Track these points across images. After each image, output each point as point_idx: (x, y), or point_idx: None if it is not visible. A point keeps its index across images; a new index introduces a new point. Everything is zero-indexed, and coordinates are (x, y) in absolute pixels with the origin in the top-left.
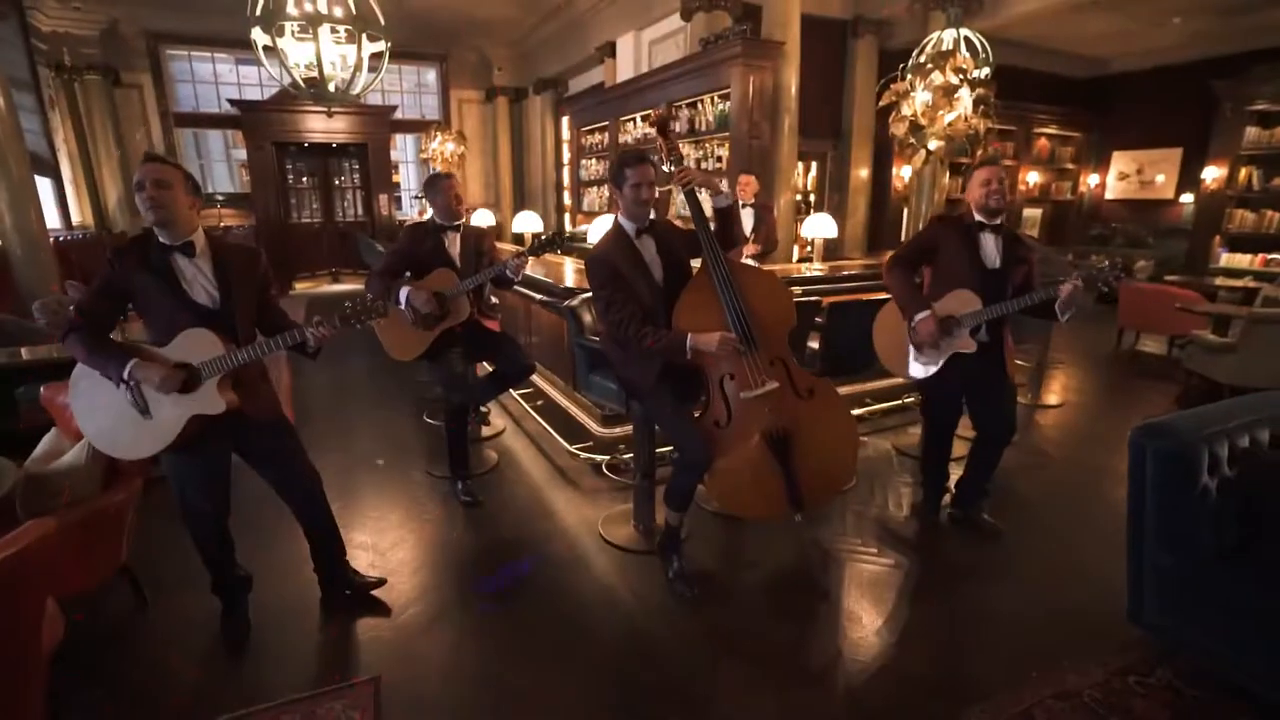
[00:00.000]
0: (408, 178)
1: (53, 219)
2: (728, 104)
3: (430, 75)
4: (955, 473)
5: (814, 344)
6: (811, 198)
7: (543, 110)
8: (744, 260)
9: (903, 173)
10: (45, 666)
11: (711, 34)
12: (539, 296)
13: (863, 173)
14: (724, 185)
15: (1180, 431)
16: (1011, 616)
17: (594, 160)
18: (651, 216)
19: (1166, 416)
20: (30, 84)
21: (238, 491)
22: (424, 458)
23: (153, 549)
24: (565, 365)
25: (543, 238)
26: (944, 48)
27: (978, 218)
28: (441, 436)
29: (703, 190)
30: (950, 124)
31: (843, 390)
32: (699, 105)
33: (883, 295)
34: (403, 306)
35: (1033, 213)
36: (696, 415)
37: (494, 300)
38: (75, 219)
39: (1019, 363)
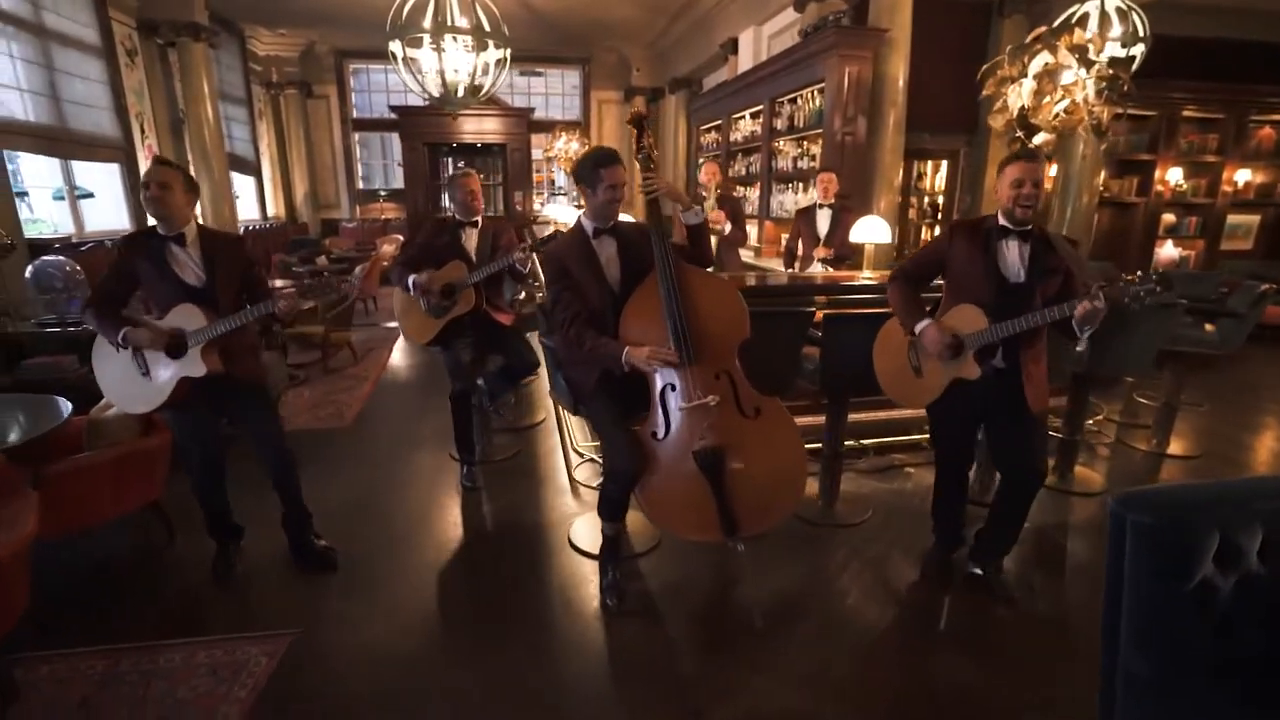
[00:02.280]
0: (560, 176)
1: (253, 211)
2: (824, 99)
3: (573, 78)
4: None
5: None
6: (940, 200)
7: (676, 110)
8: (815, 264)
9: (1052, 171)
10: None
11: (810, 24)
12: None
13: None
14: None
15: (1174, 505)
16: (982, 702)
17: (703, 160)
18: (621, 217)
19: (1164, 484)
20: (244, 100)
21: (250, 464)
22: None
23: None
24: None
25: (550, 233)
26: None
27: (1001, 222)
28: (485, 421)
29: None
30: (1060, 113)
31: (872, 415)
32: (798, 100)
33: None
34: (411, 292)
35: (1245, 219)
36: (639, 424)
37: (520, 295)
38: (270, 211)
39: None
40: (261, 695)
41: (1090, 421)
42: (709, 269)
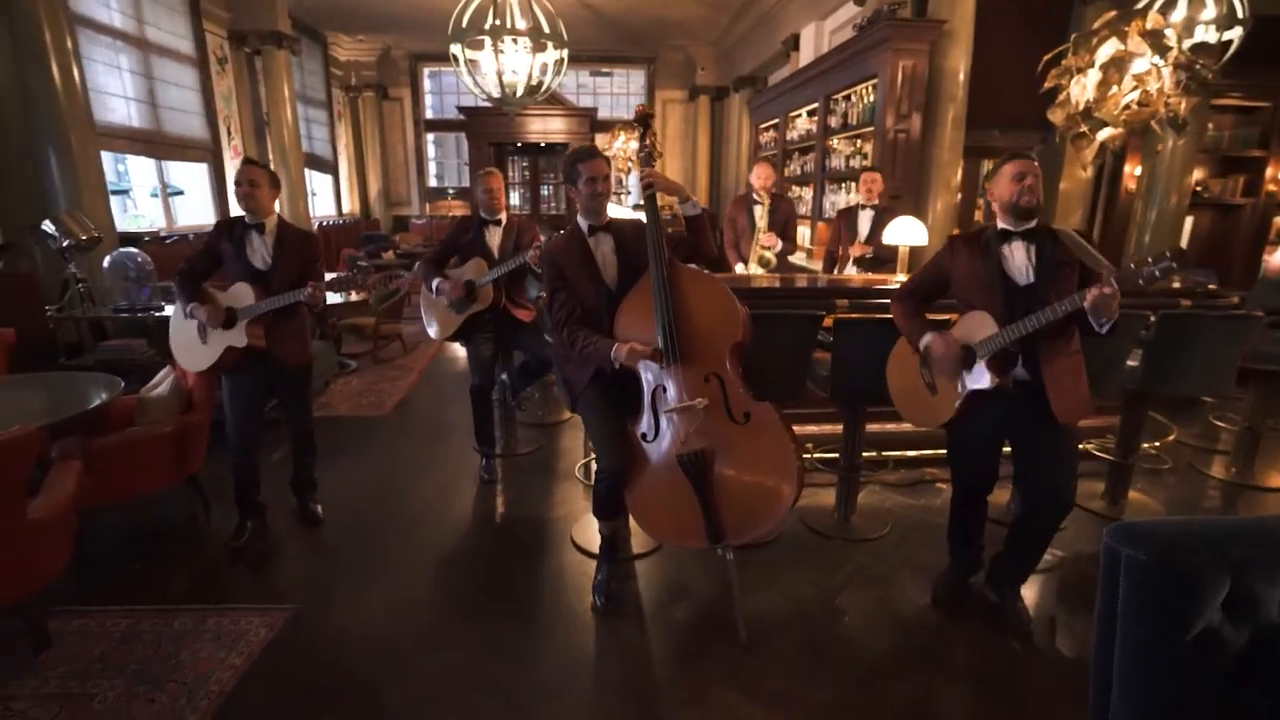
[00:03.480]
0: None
1: (330, 208)
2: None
3: (639, 78)
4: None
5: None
6: None
7: (740, 108)
8: (850, 263)
9: (1137, 171)
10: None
11: (866, 18)
12: None
13: (1084, 171)
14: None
15: (1178, 540)
16: None
17: (758, 161)
18: (611, 215)
19: (1174, 517)
20: (325, 102)
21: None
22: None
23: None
24: None
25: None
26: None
27: (1001, 225)
28: (510, 415)
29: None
30: (1129, 105)
31: (901, 426)
32: (852, 97)
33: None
34: (434, 294)
35: None
36: (630, 426)
37: (543, 293)
38: (345, 208)
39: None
40: (255, 664)
41: (1156, 444)
42: (710, 263)
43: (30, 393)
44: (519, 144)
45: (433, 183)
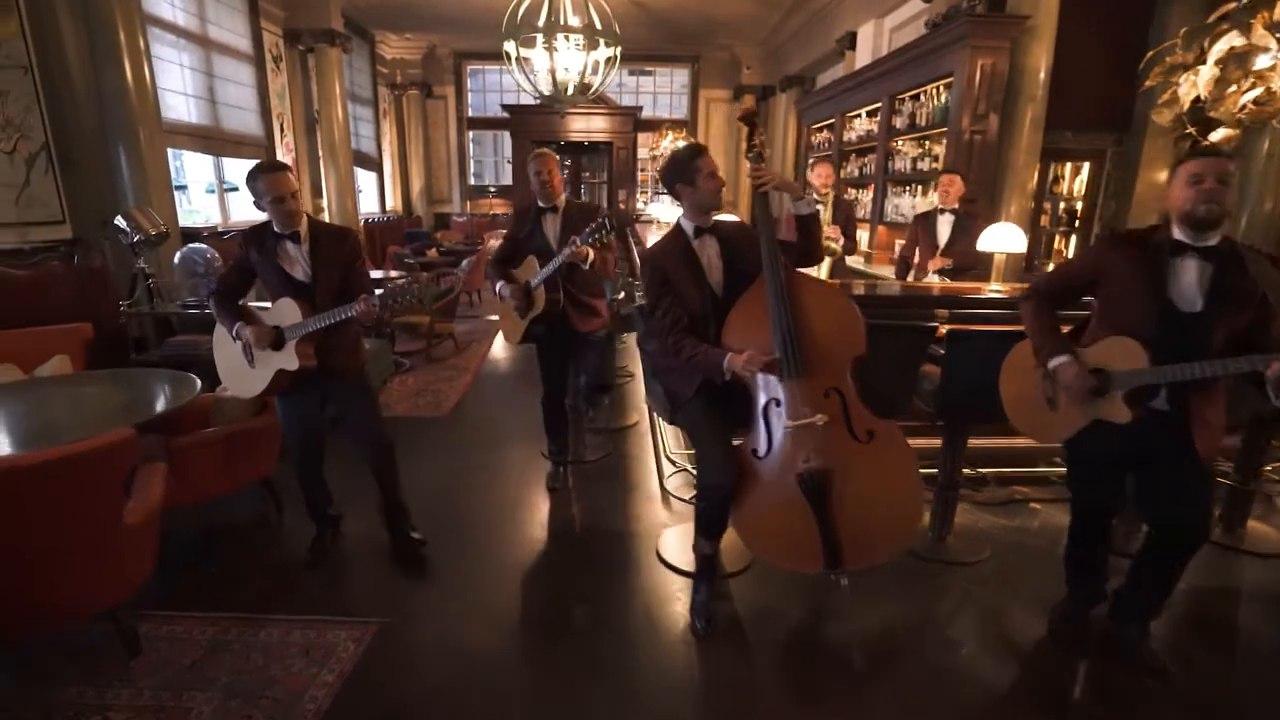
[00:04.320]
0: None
1: (373, 205)
2: (950, 95)
3: (682, 77)
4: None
5: (934, 378)
6: (1078, 206)
7: (786, 108)
8: (931, 274)
9: None
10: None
11: (939, 14)
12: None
13: (1160, 176)
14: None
15: None
16: None
17: (813, 160)
18: (717, 218)
19: None
20: (371, 100)
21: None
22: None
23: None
24: None
25: (598, 223)
26: None
27: (1176, 235)
28: (577, 421)
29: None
30: (1246, 104)
31: (990, 441)
32: (921, 97)
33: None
34: (499, 298)
35: None
36: (740, 440)
37: (620, 295)
38: (389, 205)
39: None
40: (347, 681)
41: (1270, 467)
42: (818, 265)
43: (109, 389)
44: (562, 142)
45: (473, 181)
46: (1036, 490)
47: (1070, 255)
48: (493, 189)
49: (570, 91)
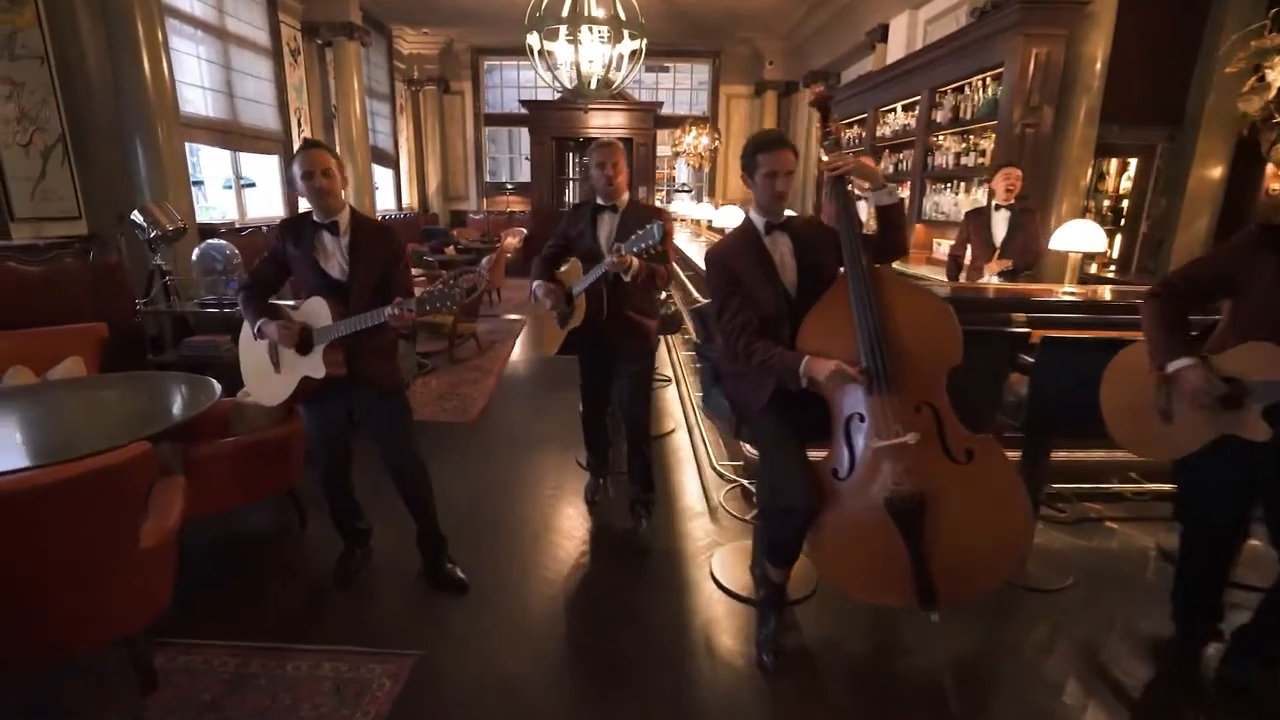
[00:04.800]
0: (681, 172)
1: (390, 202)
2: (999, 86)
3: (702, 73)
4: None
5: (1020, 389)
6: (1124, 204)
7: (810, 104)
8: (989, 276)
9: None
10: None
11: (988, 1)
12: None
13: (1214, 173)
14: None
15: None
16: None
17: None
18: (789, 213)
19: None
20: (388, 95)
21: None
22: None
23: None
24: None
25: (645, 230)
26: None
27: None
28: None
29: (863, 187)
30: None
31: (1086, 455)
32: (966, 90)
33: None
34: (532, 298)
35: None
36: (821, 457)
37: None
38: (405, 202)
39: None
40: None
41: None
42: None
43: (125, 394)
44: (580, 139)
45: (489, 178)
46: (1109, 507)
47: (1116, 256)
48: (509, 186)
49: (593, 85)
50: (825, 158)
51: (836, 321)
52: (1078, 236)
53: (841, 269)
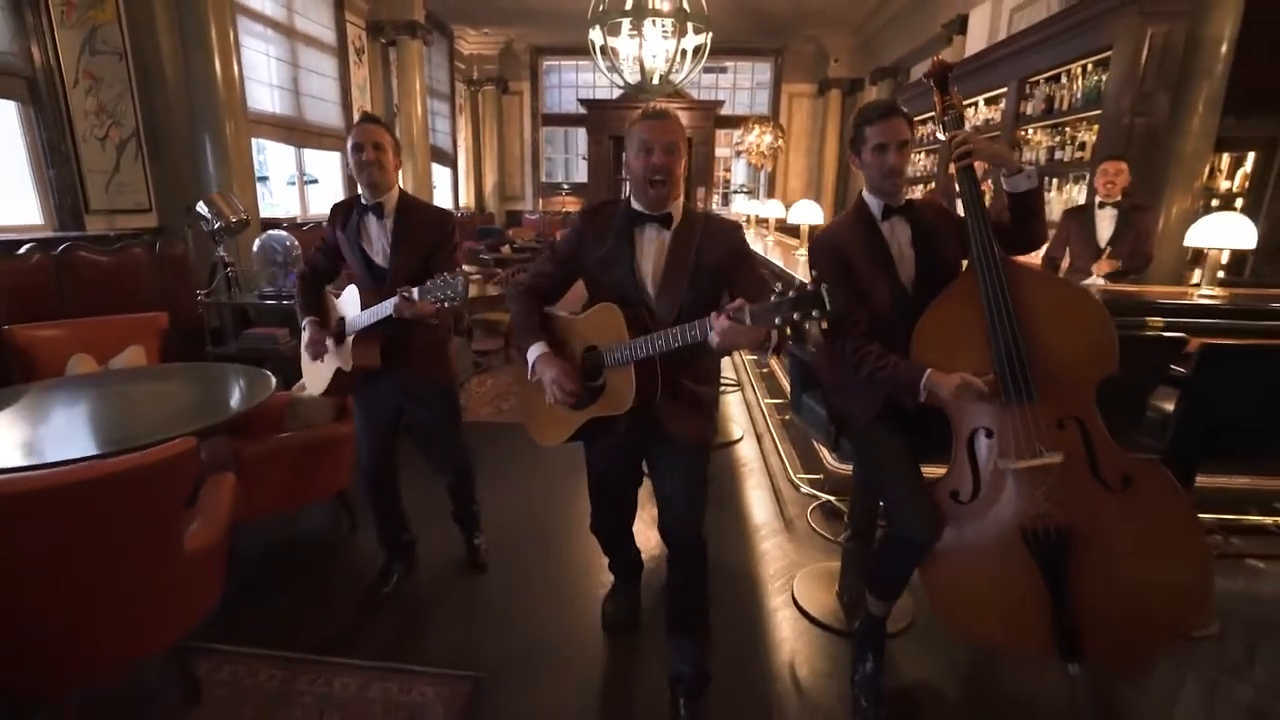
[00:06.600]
0: (738, 173)
1: (447, 201)
2: (1104, 73)
3: (764, 72)
4: None
5: (1167, 406)
6: (1238, 202)
7: None
8: (1094, 279)
9: None
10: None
11: None
12: None
13: None
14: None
15: None
16: None
17: (921, 154)
18: (910, 196)
19: None
20: (448, 95)
21: None
22: None
23: None
24: None
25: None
26: None
27: None
28: None
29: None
30: None
31: (1227, 480)
32: (1062, 78)
33: None
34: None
35: None
36: (938, 475)
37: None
38: (462, 201)
39: None
40: None
41: None
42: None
43: (180, 386)
44: None
45: (545, 178)
46: (1252, 543)
47: (1226, 260)
48: (565, 186)
49: (657, 80)
50: (943, 136)
51: (960, 323)
52: (1222, 232)
53: (965, 262)
